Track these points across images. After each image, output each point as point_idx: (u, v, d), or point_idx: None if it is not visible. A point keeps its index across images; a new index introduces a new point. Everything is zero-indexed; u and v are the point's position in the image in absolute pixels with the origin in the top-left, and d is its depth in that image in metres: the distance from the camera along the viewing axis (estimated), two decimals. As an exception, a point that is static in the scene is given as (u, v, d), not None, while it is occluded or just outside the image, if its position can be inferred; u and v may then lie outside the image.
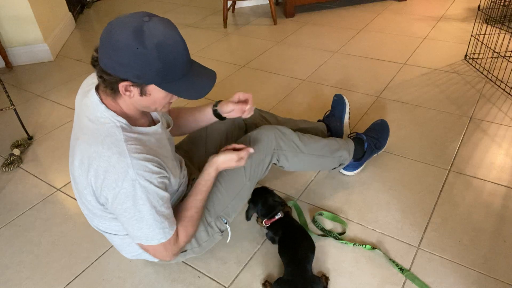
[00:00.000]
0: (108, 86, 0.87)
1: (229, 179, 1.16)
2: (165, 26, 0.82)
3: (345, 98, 1.67)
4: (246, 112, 1.20)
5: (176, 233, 1.00)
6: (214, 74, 0.93)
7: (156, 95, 0.88)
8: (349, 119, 1.66)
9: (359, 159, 1.50)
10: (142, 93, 0.87)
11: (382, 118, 1.64)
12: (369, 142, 1.50)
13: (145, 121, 1.00)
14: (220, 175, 1.15)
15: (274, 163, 1.29)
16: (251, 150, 1.12)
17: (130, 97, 0.87)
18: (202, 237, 1.14)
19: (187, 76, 0.88)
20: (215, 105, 1.25)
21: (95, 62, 0.86)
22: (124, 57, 0.79)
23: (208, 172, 1.09)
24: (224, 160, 1.09)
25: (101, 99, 0.91)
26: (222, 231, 1.18)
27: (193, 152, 1.35)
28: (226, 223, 1.17)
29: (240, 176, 1.17)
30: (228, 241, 1.24)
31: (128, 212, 0.90)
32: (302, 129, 1.52)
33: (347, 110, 1.66)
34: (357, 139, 1.50)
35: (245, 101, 1.21)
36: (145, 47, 0.79)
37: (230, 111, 1.21)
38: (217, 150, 1.35)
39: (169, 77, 0.84)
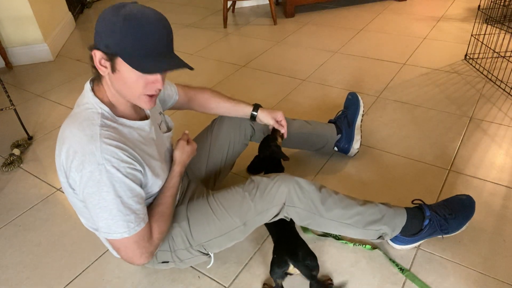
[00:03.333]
0: (91, 62, 0.89)
1: (223, 215, 1.08)
2: (148, 9, 0.86)
3: (359, 98, 1.61)
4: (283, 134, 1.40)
5: (149, 229, 0.97)
6: (185, 64, 0.90)
7: (125, 74, 0.87)
8: (361, 121, 1.60)
9: (413, 234, 1.20)
10: (113, 68, 0.87)
11: (468, 195, 1.26)
12: (434, 220, 1.19)
13: (133, 114, 1.00)
14: (216, 207, 1.09)
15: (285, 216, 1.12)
16: (186, 131, 1.19)
17: (105, 73, 0.89)
18: (184, 254, 1.11)
19: (156, 56, 0.86)
20: (255, 109, 1.35)
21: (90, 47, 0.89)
22: (100, 26, 0.84)
23: (172, 169, 1.11)
24: (179, 152, 1.13)
25: (92, 87, 0.95)
26: (205, 254, 1.14)
27: (193, 164, 1.34)
28: (208, 253, 1.14)
29: (234, 216, 1.08)
30: (209, 266, 1.21)
31: (93, 197, 0.88)
32: (306, 134, 1.52)
33: (361, 111, 1.59)
34: (418, 210, 1.21)
35: (281, 123, 1.37)
36: (117, 16, 0.82)
37: (267, 124, 1.37)
38: (217, 167, 1.38)
39: (133, 51, 0.83)
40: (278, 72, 2.40)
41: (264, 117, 1.35)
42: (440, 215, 1.19)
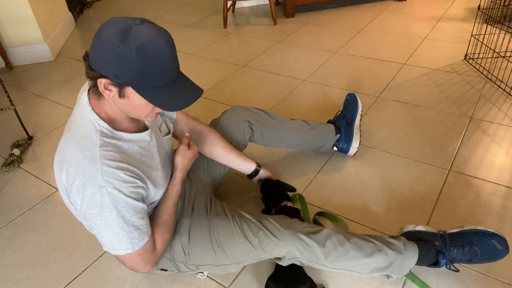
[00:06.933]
0: (92, 83, 0.86)
1: (220, 250, 1.07)
2: (155, 32, 0.80)
3: (358, 98, 1.63)
4: None
5: (153, 241, 0.97)
6: (199, 91, 0.89)
7: (135, 101, 0.85)
8: (360, 121, 1.61)
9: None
10: (121, 94, 0.84)
11: (506, 243, 1.07)
12: (448, 267, 1.12)
13: (133, 127, 0.97)
14: (214, 239, 1.07)
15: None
16: (187, 134, 1.18)
17: (110, 96, 0.85)
18: (181, 267, 1.12)
19: (169, 86, 0.84)
20: (259, 165, 1.39)
21: (86, 57, 0.85)
22: (106, 53, 0.79)
23: (174, 176, 1.09)
24: (180, 158, 1.11)
25: (89, 100, 0.91)
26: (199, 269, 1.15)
27: (194, 167, 1.32)
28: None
29: (230, 255, 1.07)
30: (203, 277, 1.21)
31: (96, 218, 0.88)
32: (304, 134, 1.52)
33: (359, 111, 1.61)
34: (433, 254, 1.10)
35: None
36: (126, 46, 0.77)
37: (268, 177, 1.41)
38: (217, 169, 1.37)
39: (147, 83, 0.81)
40: (278, 72, 2.40)
41: (265, 172, 1.41)
42: (456, 262, 1.10)
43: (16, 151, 1.83)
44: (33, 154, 1.88)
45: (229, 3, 3.46)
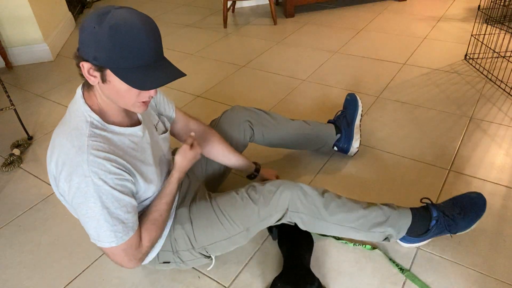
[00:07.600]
0: (79, 70, 0.87)
1: (227, 221, 1.09)
2: (132, 14, 0.81)
3: (358, 98, 1.63)
4: None
5: (139, 237, 0.96)
6: (179, 74, 0.87)
7: (117, 85, 0.84)
8: (360, 121, 1.61)
9: (419, 235, 1.19)
10: (103, 79, 0.85)
11: (479, 193, 1.21)
12: (441, 221, 1.16)
13: (126, 121, 0.98)
14: (219, 212, 1.10)
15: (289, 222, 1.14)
16: (192, 133, 1.15)
17: (95, 83, 0.86)
18: (186, 256, 1.12)
19: (145, 67, 0.83)
20: (258, 168, 1.39)
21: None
22: (85, 36, 0.81)
23: (171, 174, 1.09)
24: (180, 157, 1.10)
25: (83, 93, 0.93)
26: (206, 257, 1.15)
27: (193, 166, 1.32)
28: (210, 256, 1.15)
29: (237, 222, 1.09)
30: (209, 269, 1.21)
31: (81, 208, 0.88)
32: (305, 134, 1.52)
33: (359, 111, 1.61)
34: (424, 210, 1.18)
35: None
36: (100, 26, 0.79)
37: (269, 178, 1.40)
38: (217, 169, 1.38)
39: (121, 63, 0.81)
40: (278, 72, 2.40)
41: (266, 173, 1.42)
42: (447, 215, 1.17)
43: (16, 151, 1.83)
44: (33, 154, 1.88)
45: (229, 3, 3.46)
